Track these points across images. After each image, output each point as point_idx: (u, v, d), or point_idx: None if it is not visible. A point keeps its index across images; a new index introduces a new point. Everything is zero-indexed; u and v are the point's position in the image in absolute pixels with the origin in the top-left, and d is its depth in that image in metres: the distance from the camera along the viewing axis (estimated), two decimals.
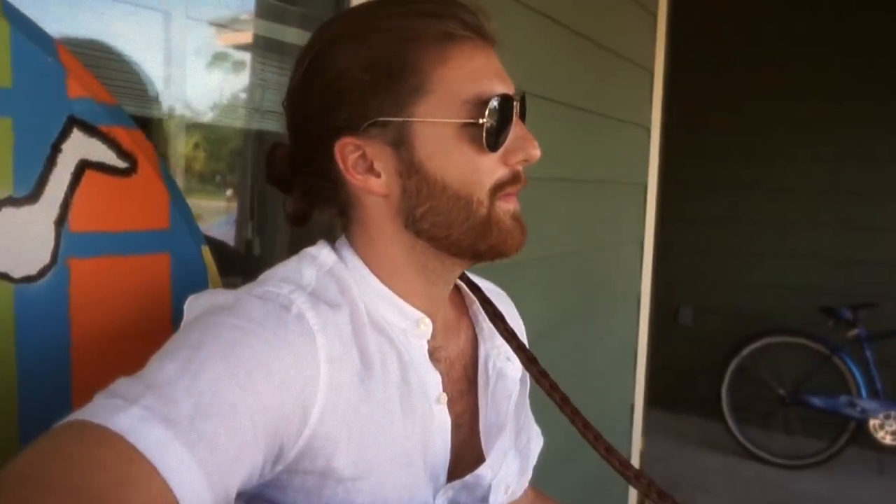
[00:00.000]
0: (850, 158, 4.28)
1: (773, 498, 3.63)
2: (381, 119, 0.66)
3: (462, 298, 0.86)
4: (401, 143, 0.66)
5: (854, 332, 3.88)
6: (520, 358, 0.81)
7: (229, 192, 1.30)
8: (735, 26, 4.51)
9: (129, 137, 0.75)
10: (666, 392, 4.44)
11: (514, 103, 0.69)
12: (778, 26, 4.39)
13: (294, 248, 0.81)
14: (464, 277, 0.86)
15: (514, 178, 0.70)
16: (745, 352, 4.15)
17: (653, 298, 2.84)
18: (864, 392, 3.85)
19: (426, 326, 0.74)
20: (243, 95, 1.23)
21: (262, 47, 1.22)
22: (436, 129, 0.66)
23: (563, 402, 0.81)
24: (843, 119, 4.25)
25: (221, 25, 1.14)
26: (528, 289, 1.85)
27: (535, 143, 0.70)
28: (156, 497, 0.47)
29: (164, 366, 0.54)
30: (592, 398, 1.87)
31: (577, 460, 2.11)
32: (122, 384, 0.53)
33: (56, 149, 0.69)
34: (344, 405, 0.62)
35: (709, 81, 4.51)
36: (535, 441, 0.94)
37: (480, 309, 0.84)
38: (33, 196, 0.67)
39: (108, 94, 0.75)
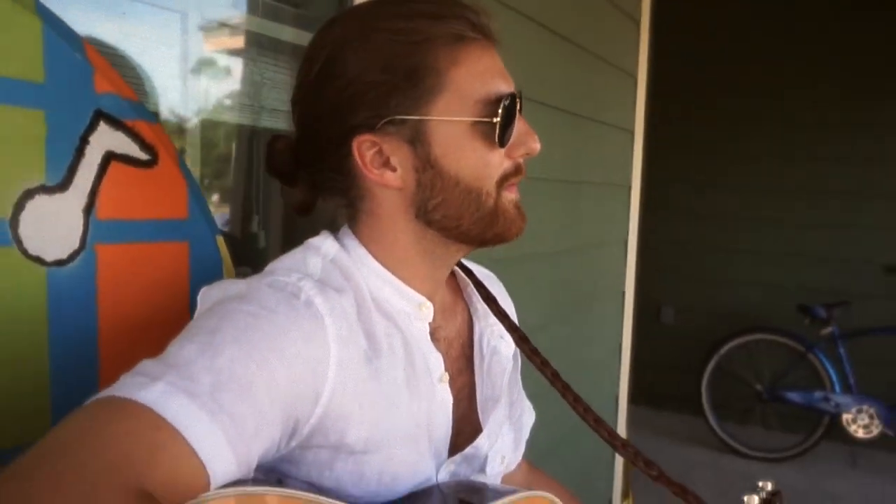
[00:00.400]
0: (828, 159, 4.40)
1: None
2: (397, 118, 0.70)
3: (457, 282, 0.91)
4: (417, 139, 0.71)
5: (828, 329, 4.00)
6: (512, 336, 0.87)
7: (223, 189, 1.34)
8: (720, 23, 4.61)
9: (151, 131, 0.80)
10: (650, 390, 4.53)
11: (518, 101, 0.74)
12: (763, 23, 4.50)
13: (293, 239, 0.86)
14: (458, 262, 0.91)
15: (517, 170, 0.75)
16: (724, 350, 4.25)
17: (636, 297, 2.92)
18: (837, 387, 3.96)
19: (427, 309, 0.79)
20: (242, 94, 1.27)
21: (265, 48, 1.27)
22: (450, 126, 0.71)
23: (555, 377, 0.87)
24: (821, 120, 4.37)
25: (225, 27, 1.19)
26: (518, 286, 1.89)
27: (536, 137, 0.75)
28: (183, 460, 0.51)
29: (184, 348, 0.58)
30: (580, 391, 1.92)
31: (566, 450, 2.18)
32: (145, 365, 0.57)
33: (84, 140, 0.72)
34: (353, 383, 0.66)
35: (691, 79, 4.61)
36: (528, 415, 0.99)
37: (474, 291, 0.89)
38: (64, 185, 0.71)
39: (131, 91, 0.79)
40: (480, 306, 0.89)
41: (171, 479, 0.50)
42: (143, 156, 0.79)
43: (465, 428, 0.82)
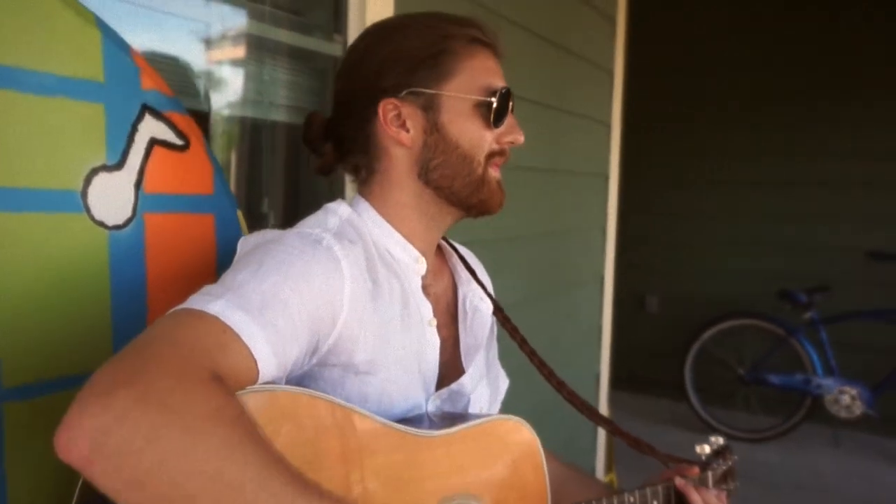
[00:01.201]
0: (806, 152, 4.57)
1: (739, 469, 3.89)
2: (418, 89, 0.90)
3: (444, 254, 1.09)
4: (430, 108, 0.91)
5: (809, 314, 4.15)
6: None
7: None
8: (698, 25, 4.79)
9: (184, 121, 0.97)
10: (635, 376, 4.72)
11: (511, 98, 0.93)
12: (739, 26, 4.68)
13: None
14: (445, 240, 1.09)
15: (502, 153, 0.95)
16: (707, 335, 4.42)
17: (616, 282, 3.10)
18: (819, 370, 4.12)
19: (422, 264, 0.97)
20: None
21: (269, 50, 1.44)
22: (458, 102, 0.91)
23: (522, 343, 1.07)
24: (800, 112, 4.54)
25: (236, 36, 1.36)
26: (499, 266, 2.08)
27: (521, 132, 0.96)
28: (241, 357, 0.69)
29: (237, 276, 0.75)
30: (560, 368, 2.10)
31: (548, 425, 2.34)
32: (207, 288, 0.74)
33: (134, 128, 0.90)
34: (360, 313, 0.83)
35: (670, 78, 4.80)
36: (503, 381, 1.16)
37: (458, 261, 1.08)
38: (119, 164, 0.88)
39: (168, 88, 0.96)
40: (463, 274, 1.07)
41: (233, 371, 0.67)
42: (179, 141, 0.96)
43: (451, 372, 0.99)
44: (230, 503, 0.57)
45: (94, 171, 0.85)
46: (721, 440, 1.23)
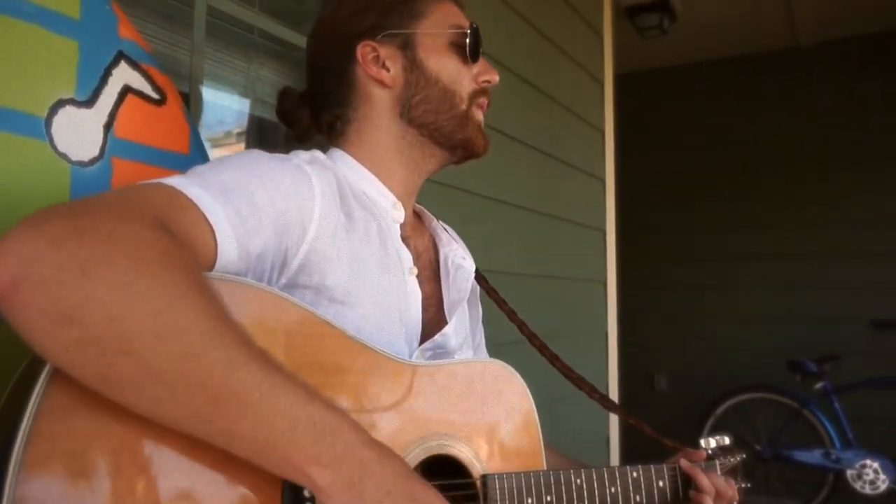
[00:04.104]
0: (803, 223, 4.58)
1: None
2: (393, 30, 0.91)
3: (423, 218, 1.05)
4: (407, 46, 0.91)
5: (821, 384, 4.01)
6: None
7: None
8: (700, 99, 4.93)
9: (162, 79, 0.96)
10: (649, 455, 4.48)
11: (480, 35, 0.94)
12: (742, 97, 4.81)
13: None
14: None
15: (484, 92, 0.95)
16: (719, 411, 4.25)
17: (621, 362, 3.00)
18: (837, 443, 3.93)
19: (399, 211, 0.92)
20: None
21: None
22: (433, 39, 0.92)
23: (511, 314, 1.01)
24: (803, 187, 4.56)
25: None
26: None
27: (495, 71, 0.96)
28: (197, 225, 0.64)
29: (196, 168, 0.72)
30: (563, 424, 2.00)
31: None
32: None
33: (108, 72, 0.88)
34: (332, 231, 0.79)
35: (671, 155, 4.89)
36: (485, 350, 1.12)
37: (438, 224, 1.04)
38: (89, 102, 0.86)
39: (147, 44, 0.96)
40: (443, 235, 1.03)
41: (187, 236, 0.61)
42: (155, 95, 0.94)
43: (435, 331, 0.93)
44: (172, 350, 0.50)
45: (62, 103, 0.83)
46: (727, 439, 1.16)
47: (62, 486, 0.49)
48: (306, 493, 0.60)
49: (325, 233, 0.77)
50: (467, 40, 0.92)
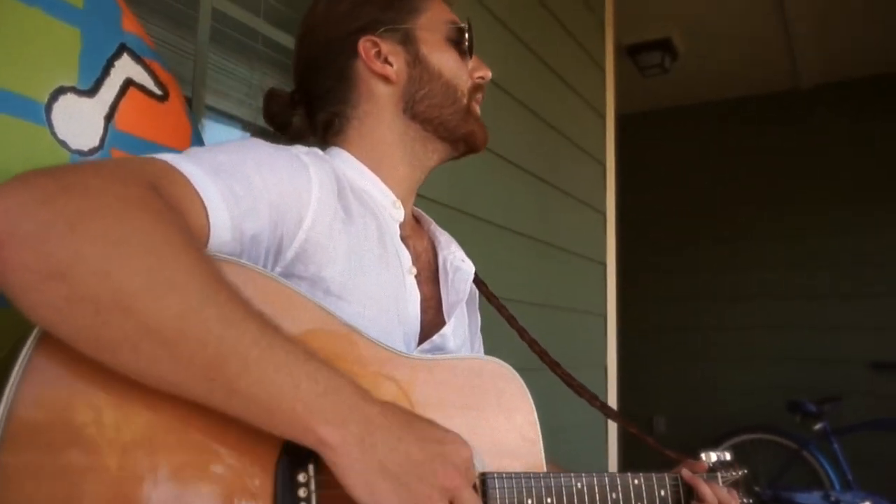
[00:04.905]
0: (805, 265, 4.58)
1: None
2: (393, 25, 0.91)
3: (421, 221, 1.04)
4: (407, 41, 0.91)
5: (820, 425, 3.96)
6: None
7: None
8: (694, 136, 4.98)
9: (165, 75, 0.95)
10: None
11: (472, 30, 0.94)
12: (737, 137, 4.85)
13: None
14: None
15: (480, 88, 0.95)
16: None
17: (620, 405, 2.96)
18: (836, 485, 3.87)
19: (399, 210, 0.91)
20: None
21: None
22: (432, 35, 0.92)
23: (511, 319, 0.99)
24: (799, 226, 4.58)
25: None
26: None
27: (488, 68, 0.96)
28: (189, 197, 0.62)
29: (191, 148, 0.70)
30: (563, 453, 1.96)
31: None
32: None
33: (110, 63, 0.87)
34: (329, 223, 0.76)
35: (667, 199, 4.91)
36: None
37: (437, 228, 1.03)
38: (91, 92, 0.85)
39: (150, 39, 0.95)
40: (442, 238, 1.02)
41: (179, 207, 0.59)
42: (157, 91, 0.93)
43: (433, 330, 0.91)
44: (169, 306, 0.48)
45: (63, 90, 0.82)
46: (728, 454, 1.13)
47: (45, 454, 0.47)
48: (300, 478, 0.57)
49: (322, 223, 0.75)
50: (465, 35, 0.93)
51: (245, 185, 0.67)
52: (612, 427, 2.84)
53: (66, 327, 0.48)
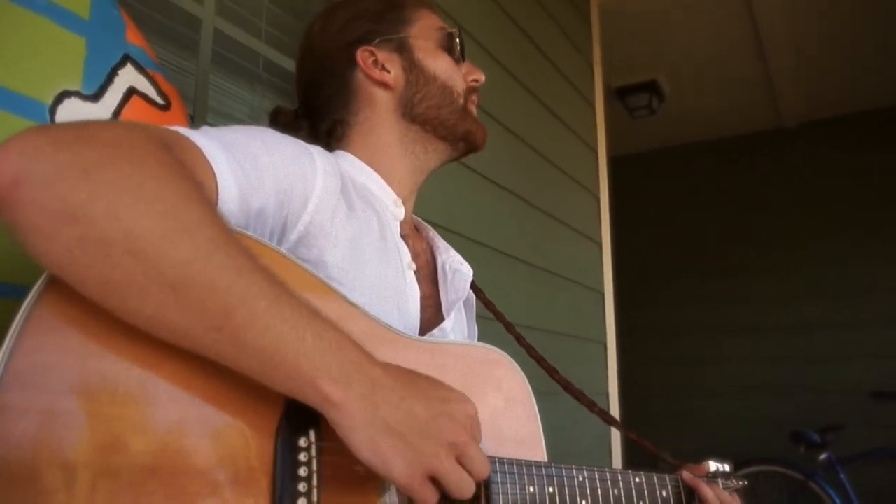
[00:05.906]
0: (803, 295, 4.60)
1: None
2: (387, 36, 0.95)
3: (420, 227, 1.06)
4: (402, 50, 0.95)
5: (824, 455, 3.91)
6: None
7: None
8: (682, 176, 5.04)
9: (168, 86, 0.98)
10: None
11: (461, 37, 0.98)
12: (725, 175, 4.92)
13: None
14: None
15: (474, 90, 0.99)
16: None
17: (624, 439, 2.94)
18: None
19: (400, 209, 0.93)
20: None
21: None
22: (424, 42, 0.96)
23: (509, 326, 1.00)
24: (800, 258, 4.62)
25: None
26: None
27: (482, 70, 1.00)
28: (200, 163, 0.63)
29: (201, 127, 0.72)
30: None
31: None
32: None
33: (114, 71, 0.90)
34: (333, 210, 0.78)
35: (667, 232, 4.95)
36: None
37: (436, 234, 1.05)
38: (95, 97, 0.87)
39: (153, 52, 0.98)
40: (441, 243, 1.03)
41: (190, 171, 0.60)
42: (160, 100, 0.95)
43: (432, 327, 0.91)
44: (180, 251, 0.49)
45: (68, 94, 0.83)
46: (727, 466, 1.13)
47: (45, 400, 0.47)
48: (301, 443, 0.57)
49: (326, 208, 0.77)
50: (457, 41, 0.97)
51: (253, 164, 0.69)
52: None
53: (75, 269, 0.48)
